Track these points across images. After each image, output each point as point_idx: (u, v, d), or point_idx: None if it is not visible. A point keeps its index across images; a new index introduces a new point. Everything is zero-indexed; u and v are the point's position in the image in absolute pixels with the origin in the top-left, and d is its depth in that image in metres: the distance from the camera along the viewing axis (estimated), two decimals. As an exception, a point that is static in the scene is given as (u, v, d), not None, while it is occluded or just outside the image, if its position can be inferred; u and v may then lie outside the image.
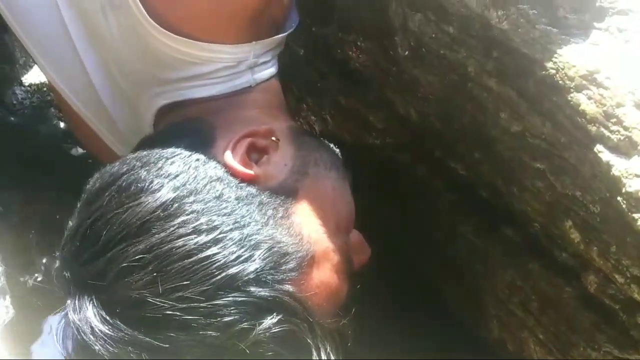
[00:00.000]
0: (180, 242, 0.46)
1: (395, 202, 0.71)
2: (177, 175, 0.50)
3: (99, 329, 0.45)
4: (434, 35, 0.55)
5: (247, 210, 0.50)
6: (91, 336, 0.45)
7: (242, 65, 0.61)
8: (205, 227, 0.47)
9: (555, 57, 0.45)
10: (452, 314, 0.66)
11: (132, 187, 0.49)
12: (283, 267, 0.49)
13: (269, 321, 0.45)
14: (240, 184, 0.52)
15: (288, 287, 0.48)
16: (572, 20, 0.46)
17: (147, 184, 0.49)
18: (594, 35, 0.45)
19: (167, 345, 0.44)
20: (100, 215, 0.48)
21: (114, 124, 0.71)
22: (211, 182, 0.50)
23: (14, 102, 1.03)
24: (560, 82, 0.45)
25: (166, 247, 0.46)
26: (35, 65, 1.07)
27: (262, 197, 0.52)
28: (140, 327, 0.44)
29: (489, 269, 0.61)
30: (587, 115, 0.43)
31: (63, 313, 0.48)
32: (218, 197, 0.49)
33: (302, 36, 0.75)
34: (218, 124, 0.58)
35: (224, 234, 0.47)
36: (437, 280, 0.68)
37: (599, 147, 0.43)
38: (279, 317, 0.46)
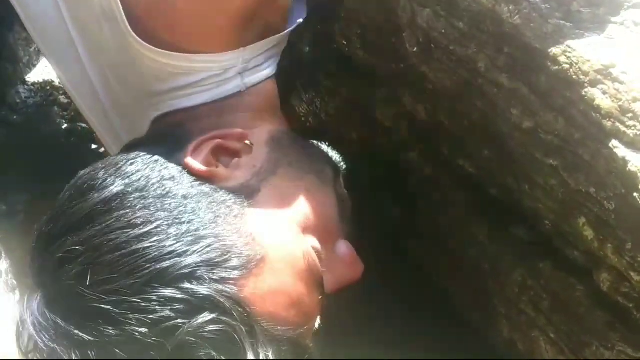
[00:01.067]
0: (113, 235, 0.46)
1: (403, 200, 0.71)
2: (131, 175, 0.50)
3: (39, 323, 0.46)
4: (443, 31, 0.54)
5: (193, 208, 0.49)
6: (34, 332, 0.46)
7: (231, 72, 0.61)
8: (140, 221, 0.47)
9: (569, 52, 0.44)
10: (461, 314, 0.65)
11: (85, 185, 0.50)
12: (223, 266, 0.47)
13: (200, 319, 0.44)
14: (194, 183, 0.52)
15: (227, 287, 0.46)
16: (586, 14, 0.45)
17: (99, 182, 0.50)
18: (609, 29, 0.44)
19: (97, 340, 0.44)
20: (57, 212, 0.50)
21: (114, 129, 0.72)
22: (162, 180, 0.51)
23: (18, 101, 1.03)
24: (574, 77, 0.44)
25: (99, 240, 0.46)
26: (39, 64, 1.07)
27: (216, 195, 0.51)
28: (71, 320, 0.45)
29: (498, 268, 0.60)
30: (602, 110, 0.43)
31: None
32: (164, 195, 0.49)
33: (307, 33, 0.74)
34: (196, 129, 0.58)
35: (160, 229, 0.47)
36: (445, 280, 0.67)
37: (614, 143, 0.42)
38: (212, 316, 0.44)
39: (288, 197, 0.55)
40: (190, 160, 0.53)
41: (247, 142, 0.57)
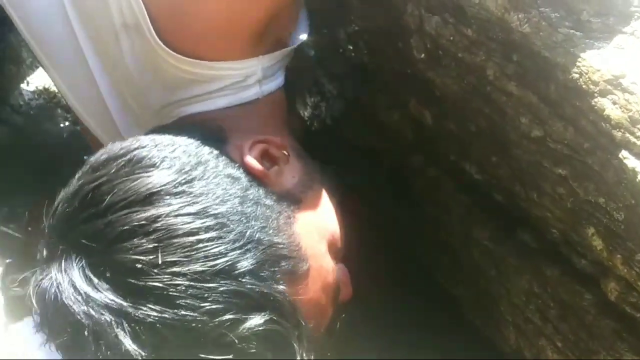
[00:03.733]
0: (187, 219, 0.45)
1: (408, 205, 0.71)
2: (189, 160, 0.49)
3: (83, 291, 0.43)
4: (451, 38, 0.54)
5: (254, 208, 0.49)
6: (72, 296, 0.43)
7: (251, 79, 0.61)
8: (212, 211, 0.46)
9: (579, 61, 0.44)
10: (467, 321, 0.65)
11: (144, 160, 0.48)
12: (281, 269, 0.48)
13: (259, 318, 0.44)
14: (250, 183, 0.52)
15: (283, 289, 0.47)
16: (596, 24, 0.45)
17: (159, 161, 0.48)
18: (619, 39, 0.44)
19: (149, 319, 0.43)
20: (106, 180, 0.47)
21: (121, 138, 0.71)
22: (221, 175, 0.50)
23: (21, 102, 1.03)
24: (584, 86, 0.44)
25: (172, 220, 0.45)
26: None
27: (269, 199, 0.52)
28: (127, 295, 0.43)
29: (504, 275, 0.60)
30: (612, 120, 0.42)
31: (41, 274, 0.46)
32: (226, 191, 0.49)
33: (313, 38, 0.74)
34: (227, 127, 0.58)
35: (229, 222, 0.47)
36: (452, 286, 0.67)
37: (624, 153, 0.42)
38: (270, 316, 0.44)
39: (321, 213, 0.56)
40: (250, 159, 0.53)
41: (284, 152, 0.57)
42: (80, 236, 0.45)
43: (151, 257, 0.43)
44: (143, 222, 0.45)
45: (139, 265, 0.43)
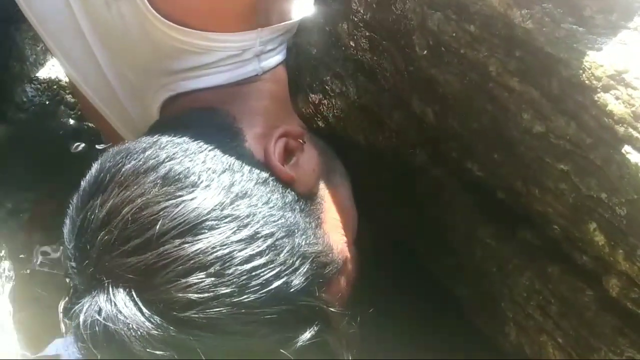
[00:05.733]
0: (240, 246, 0.44)
1: (410, 204, 0.71)
2: (223, 171, 0.48)
3: (138, 327, 0.42)
4: (454, 34, 0.54)
5: (294, 218, 0.49)
6: (129, 334, 0.42)
7: (248, 53, 0.59)
8: (262, 232, 0.46)
9: (582, 57, 0.44)
10: (468, 316, 0.65)
11: (182, 178, 0.46)
12: (323, 278, 0.49)
13: (310, 331, 0.45)
14: (283, 188, 0.51)
15: (326, 297, 0.48)
16: (599, 20, 0.45)
17: (196, 178, 0.46)
18: (622, 35, 0.44)
19: (211, 350, 0.42)
20: (145, 204, 0.45)
21: (128, 115, 0.70)
22: (258, 184, 0.49)
23: (24, 99, 1.03)
24: (586, 82, 0.44)
25: (227, 250, 0.44)
26: (46, 63, 1.07)
27: (301, 204, 0.52)
28: (187, 329, 0.42)
29: (505, 271, 0.60)
30: (614, 115, 0.42)
31: (85, 306, 0.44)
32: (268, 202, 0.48)
33: (315, 35, 0.74)
34: (238, 114, 0.57)
35: (278, 241, 0.46)
36: (453, 282, 0.67)
37: (627, 148, 0.42)
38: (319, 327, 0.45)
39: (342, 206, 0.56)
40: (278, 166, 0.52)
41: (301, 140, 0.57)
42: (128, 270, 0.44)
43: (210, 292, 0.43)
44: (199, 257, 0.43)
45: (197, 301, 0.43)
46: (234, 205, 0.46)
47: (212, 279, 0.43)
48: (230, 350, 0.43)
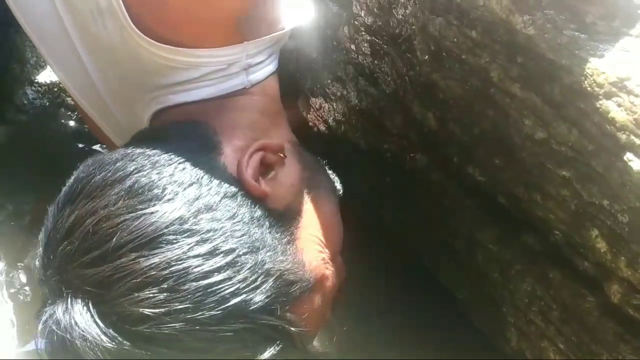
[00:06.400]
0: (196, 262, 0.44)
1: (412, 208, 0.71)
2: (190, 185, 0.48)
3: (92, 339, 0.42)
4: (455, 40, 0.54)
5: (260, 233, 0.48)
6: (83, 345, 0.42)
7: (235, 67, 0.59)
8: (221, 248, 0.45)
9: (584, 64, 0.44)
10: (469, 323, 0.65)
11: (145, 191, 0.46)
12: (288, 297, 0.48)
13: (271, 350, 0.44)
14: (252, 203, 0.50)
15: (291, 316, 0.47)
16: (601, 27, 0.45)
17: (160, 191, 0.46)
18: (624, 42, 0.44)
19: None
20: (106, 216, 0.45)
21: (119, 124, 0.70)
22: (225, 198, 0.48)
23: (25, 101, 1.03)
24: (588, 88, 0.44)
25: (182, 265, 0.43)
26: (47, 66, 1.07)
27: (272, 219, 0.51)
28: (139, 343, 0.42)
29: (507, 277, 0.60)
30: (616, 122, 0.42)
31: (46, 314, 0.45)
32: (233, 217, 0.47)
33: (316, 39, 0.74)
34: (220, 128, 0.56)
35: (239, 258, 0.46)
36: (454, 287, 0.67)
37: (628, 156, 0.42)
38: (281, 346, 0.45)
39: (320, 220, 0.55)
40: (249, 180, 0.51)
41: (281, 154, 0.56)
42: (86, 282, 0.44)
43: (164, 306, 0.42)
44: (152, 271, 0.43)
45: (150, 316, 0.42)
46: (196, 220, 0.45)
47: (166, 294, 0.43)
48: None
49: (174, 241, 0.44)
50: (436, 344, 0.65)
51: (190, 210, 0.46)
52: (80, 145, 1.02)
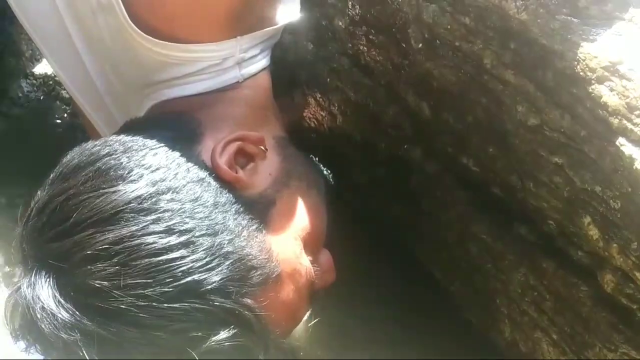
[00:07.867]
0: (150, 239, 0.45)
1: (405, 199, 0.70)
2: (157, 169, 0.49)
3: (50, 310, 0.44)
4: (449, 27, 0.54)
5: (223, 218, 0.49)
6: (41, 315, 0.44)
7: (228, 62, 0.60)
8: (178, 228, 0.46)
9: (576, 48, 0.44)
10: (462, 313, 0.65)
11: (111, 172, 0.48)
12: (248, 281, 0.48)
13: (225, 333, 0.44)
14: (221, 189, 0.51)
15: (249, 302, 0.47)
16: (594, 11, 0.45)
17: (126, 172, 0.48)
18: (617, 26, 0.44)
19: (115, 338, 0.44)
20: (73, 194, 0.47)
21: (114, 119, 0.71)
22: (191, 182, 0.49)
23: (20, 94, 1.03)
24: (581, 73, 0.43)
25: (135, 242, 0.45)
26: (42, 59, 1.07)
27: (240, 205, 0.51)
28: (93, 316, 0.44)
29: (500, 267, 0.60)
30: (609, 107, 0.42)
31: (15, 287, 0.47)
32: (195, 200, 0.48)
33: (310, 30, 0.74)
34: (205, 120, 0.57)
35: (195, 239, 0.46)
36: (447, 279, 0.67)
37: (621, 140, 0.41)
38: (235, 331, 0.45)
39: (297, 212, 0.56)
40: (220, 164, 0.52)
41: (262, 147, 0.57)
42: (49, 255, 0.46)
43: (114, 280, 0.44)
44: (106, 245, 0.44)
45: (103, 289, 0.44)
46: (156, 199, 0.47)
47: (117, 267, 0.44)
48: (139, 342, 0.44)
49: (131, 219, 0.46)
50: (429, 337, 0.65)
51: (151, 190, 0.47)
52: (75, 138, 1.02)
